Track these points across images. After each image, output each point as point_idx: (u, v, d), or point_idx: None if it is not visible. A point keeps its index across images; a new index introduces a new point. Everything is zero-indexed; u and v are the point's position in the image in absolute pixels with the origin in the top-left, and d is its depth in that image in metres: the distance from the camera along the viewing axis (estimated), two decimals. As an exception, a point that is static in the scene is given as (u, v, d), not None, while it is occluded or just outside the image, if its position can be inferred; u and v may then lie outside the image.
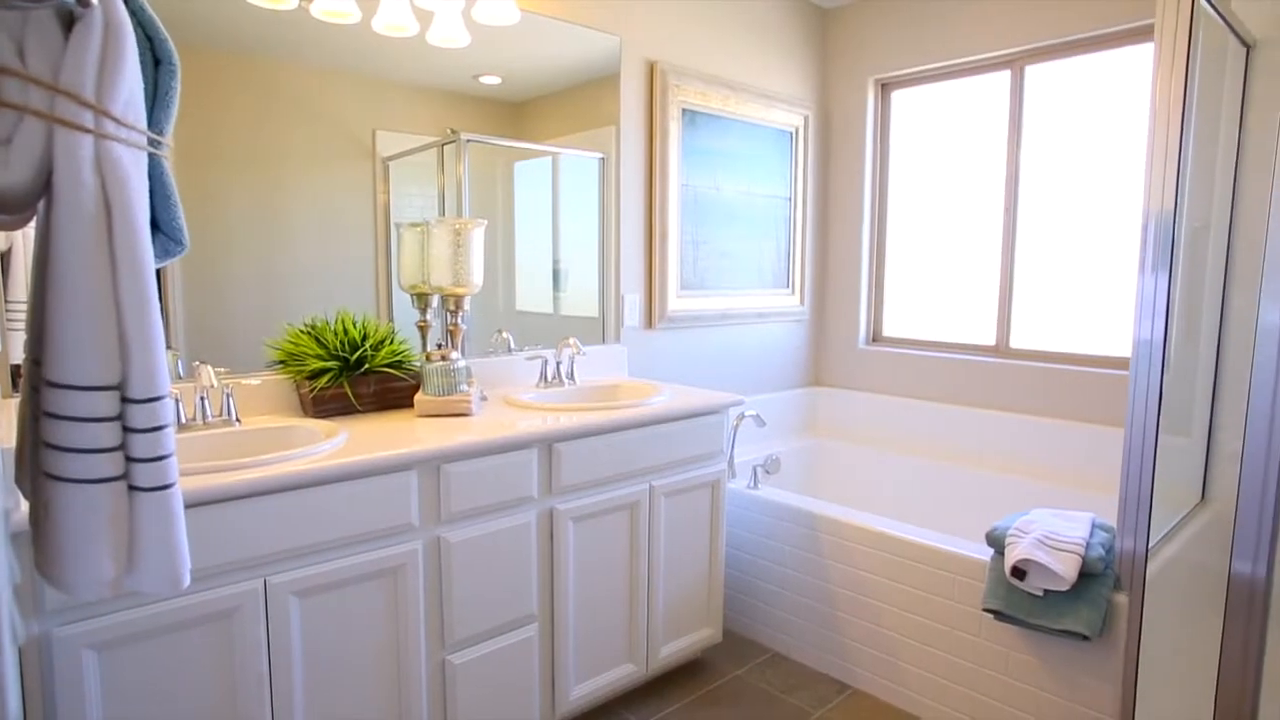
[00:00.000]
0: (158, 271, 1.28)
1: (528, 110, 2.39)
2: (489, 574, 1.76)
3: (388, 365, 1.98)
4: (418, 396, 1.95)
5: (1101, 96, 2.68)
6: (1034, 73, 2.82)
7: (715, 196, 2.95)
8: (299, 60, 1.92)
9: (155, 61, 0.93)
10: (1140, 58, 2.59)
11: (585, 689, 2.00)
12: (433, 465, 1.65)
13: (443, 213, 2.24)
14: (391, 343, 2.03)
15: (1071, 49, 2.71)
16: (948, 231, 3.12)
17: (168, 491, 0.86)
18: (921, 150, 3.19)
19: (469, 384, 2.02)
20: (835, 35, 3.32)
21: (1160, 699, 1.85)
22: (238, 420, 1.76)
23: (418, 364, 2.08)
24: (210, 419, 1.72)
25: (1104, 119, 2.68)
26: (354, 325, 1.98)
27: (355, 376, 1.94)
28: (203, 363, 1.71)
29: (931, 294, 3.20)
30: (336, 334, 1.95)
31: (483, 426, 1.82)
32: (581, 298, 2.62)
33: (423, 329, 2.17)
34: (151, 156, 0.91)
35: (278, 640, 1.45)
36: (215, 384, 1.70)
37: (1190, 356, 2.28)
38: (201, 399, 1.71)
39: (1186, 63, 1.64)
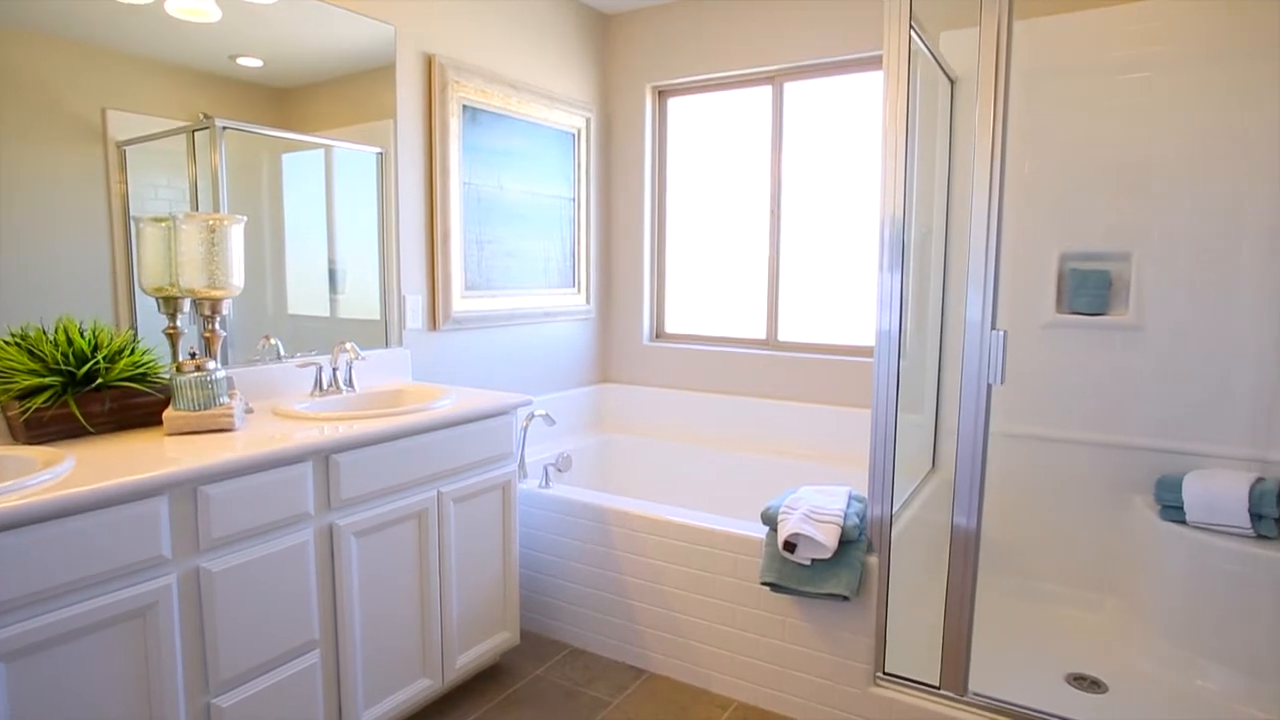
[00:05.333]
0: None
1: (296, 98, 2.21)
2: (261, 602, 1.61)
3: (127, 379, 1.74)
4: (167, 413, 1.73)
5: (850, 113, 3.01)
6: (792, 89, 3.11)
7: (499, 196, 2.93)
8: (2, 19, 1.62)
9: None
10: (877, 82, 2.94)
11: (377, 712, 1.90)
12: (188, 488, 1.48)
13: (196, 206, 2.01)
14: (132, 353, 1.78)
15: (822, 70, 3.01)
16: (722, 233, 3.34)
17: None
18: (697, 156, 3.38)
19: (230, 396, 1.83)
20: (615, 41, 3.42)
21: (904, 641, 2.12)
22: (-78, 452, 1.46)
23: (167, 376, 1.84)
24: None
25: (852, 133, 3.01)
26: (80, 334, 1.72)
27: (85, 394, 1.68)
28: None
29: (709, 292, 3.41)
30: (57, 345, 1.67)
31: (248, 442, 1.66)
32: (361, 299, 2.47)
33: (173, 336, 1.93)
34: None
35: (-13, 710, 1.23)
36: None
37: (921, 344, 2.64)
38: None
39: (907, 90, 1.89)
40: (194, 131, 1.98)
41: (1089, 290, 2.51)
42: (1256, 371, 2.31)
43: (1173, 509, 2.28)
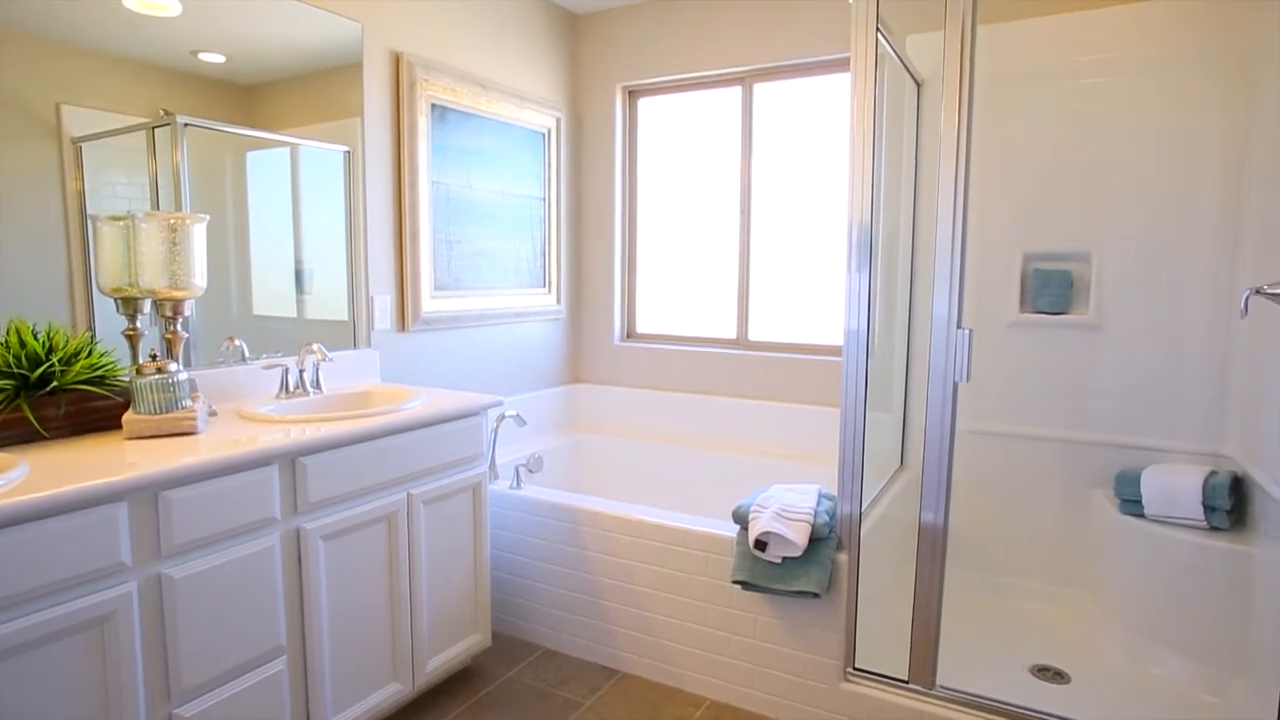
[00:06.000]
0: None
1: (260, 95, 2.17)
2: (225, 609, 1.58)
3: (84, 382, 1.70)
4: (127, 416, 1.69)
5: (819, 115, 3.04)
6: (762, 90, 3.13)
7: (469, 195, 2.91)
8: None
9: None
10: (845, 84, 2.97)
11: (346, 718, 1.87)
12: (148, 493, 1.45)
13: (157, 205, 1.96)
14: (89, 355, 1.74)
15: (791, 72, 3.04)
16: (693, 233, 3.35)
17: None
18: (668, 156, 3.39)
19: (193, 399, 1.79)
20: (585, 41, 3.41)
21: (874, 637, 2.14)
22: None
23: (126, 379, 1.80)
24: None
25: (821, 135, 3.04)
26: (34, 336, 1.67)
27: (39, 397, 1.63)
28: None
29: (680, 292, 3.42)
30: (9, 347, 1.63)
31: (211, 445, 1.63)
32: (329, 300, 2.44)
33: (132, 338, 1.89)
34: None
35: (-63, 724, 1.19)
36: None
37: (889, 343, 2.68)
38: None
39: (874, 92, 1.91)
40: (154, 128, 1.94)
41: (1051, 290, 2.56)
42: (1208, 369, 2.38)
43: (1132, 503, 2.33)
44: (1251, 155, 2.26)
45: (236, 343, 2.15)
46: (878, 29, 1.89)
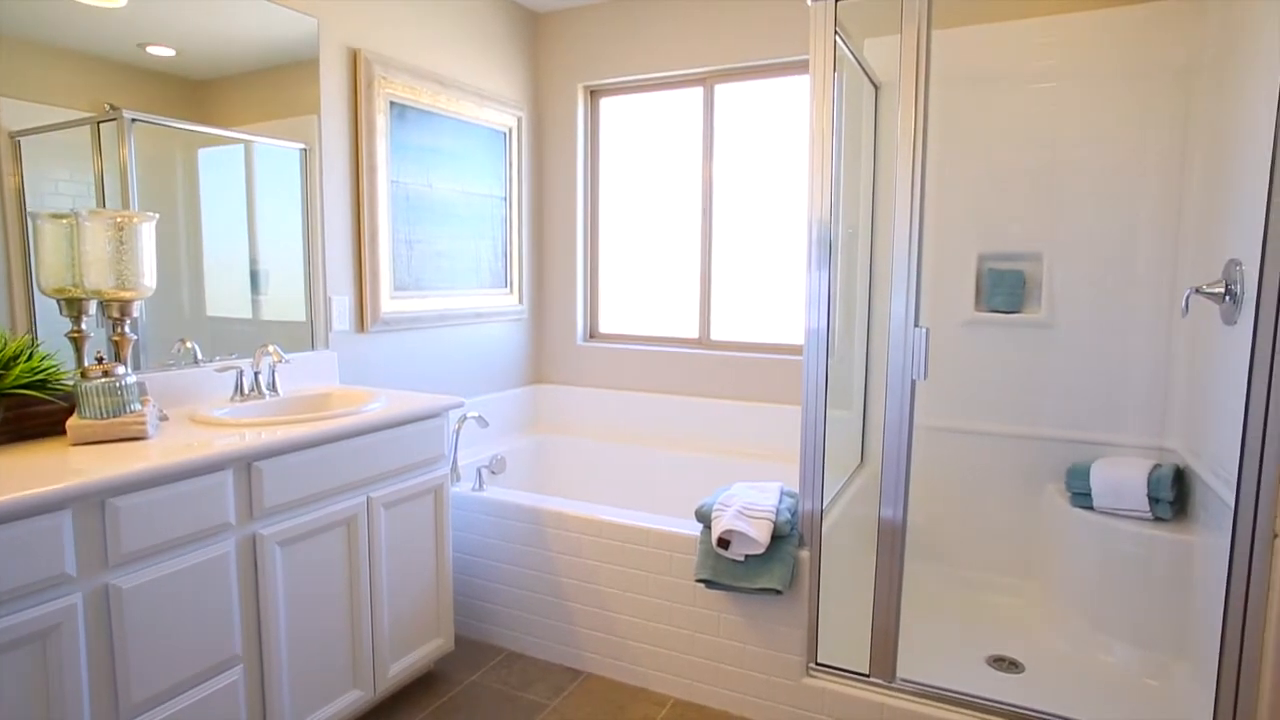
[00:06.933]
0: None
1: (213, 91, 2.12)
2: (177, 619, 1.54)
3: (24, 386, 1.63)
4: (71, 421, 1.63)
5: (780, 115, 3.07)
6: (723, 91, 3.14)
7: (429, 195, 2.87)
8: None
9: None
10: (804, 86, 3.01)
11: (304, 727, 1.84)
12: (94, 501, 1.40)
13: (103, 203, 1.90)
14: (30, 358, 1.68)
15: (752, 73, 3.06)
16: (655, 233, 3.36)
17: None
18: (630, 156, 3.39)
19: (142, 402, 1.74)
20: (546, 40, 3.40)
21: (836, 632, 2.17)
22: None
23: (71, 383, 1.74)
24: None
25: (782, 135, 3.07)
26: (-27, 339, 1.60)
27: (-22, 402, 1.57)
28: None
29: (642, 292, 3.42)
30: (-54, 350, 1.56)
31: (162, 450, 1.58)
32: (286, 301, 2.39)
33: (77, 340, 1.82)
34: None
35: None
36: None
37: (849, 342, 2.71)
38: None
39: (833, 93, 1.94)
40: (99, 123, 1.88)
41: (1005, 289, 2.63)
42: (1153, 365, 2.46)
43: (1081, 495, 2.40)
44: (1189, 161, 2.35)
45: (189, 345, 2.09)
46: (836, 32, 1.92)
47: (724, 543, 2.06)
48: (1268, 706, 1.58)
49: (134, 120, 1.94)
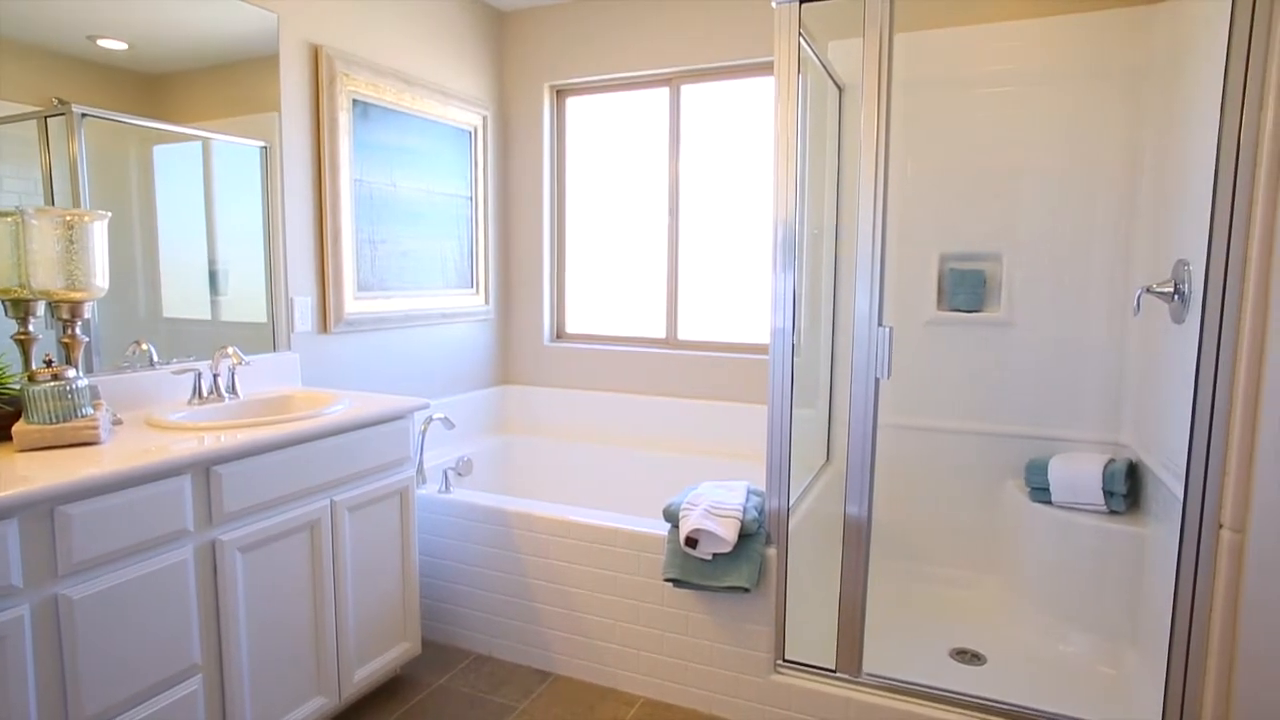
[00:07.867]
0: None
1: (168, 86, 2.07)
2: (133, 629, 1.50)
3: (-29, 390, 1.58)
4: (17, 427, 1.58)
5: (744, 117, 3.09)
6: (689, 91, 3.15)
7: (393, 194, 2.83)
8: None
9: None
10: (769, 87, 3.03)
11: (266, 735, 1.80)
12: (43, 509, 1.36)
13: (52, 200, 1.84)
14: (-24, 362, 1.62)
15: (717, 74, 3.08)
16: (622, 233, 3.36)
17: None
18: (598, 155, 3.38)
19: (95, 407, 1.69)
20: (512, 39, 3.37)
21: (803, 629, 2.19)
22: None
23: (17, 387, 1.68)
24: None
25: (747, 136, 3.09)
26: (-86, 341, 1.55)
27: (-81, 407, 1.51)
28: None
29: (609, 292, 3.42)
30: (-115, 354, 1.50)
31: (116, 455, 1.54)
32: (246, 301, 2.34)
33: (24, 343, 1.77)
34: None
35: None
36: None
37: (814, 341, 2.74)
38: None
39: (798, 95, 1.95)
40: (46, 118, 1.82)
41: (966, 289, 2.68)
42: (1106, 362, 2.53)
43: (1040, 490, 2.46)
44: (1141, 163, 2.42)
45: (144, 347, 2.04)
46: (800, 34, 1.93)
47: (692, 542, 2.07)
48: (1213, 690, 1.63)
49: (84, 115, 1.89)
